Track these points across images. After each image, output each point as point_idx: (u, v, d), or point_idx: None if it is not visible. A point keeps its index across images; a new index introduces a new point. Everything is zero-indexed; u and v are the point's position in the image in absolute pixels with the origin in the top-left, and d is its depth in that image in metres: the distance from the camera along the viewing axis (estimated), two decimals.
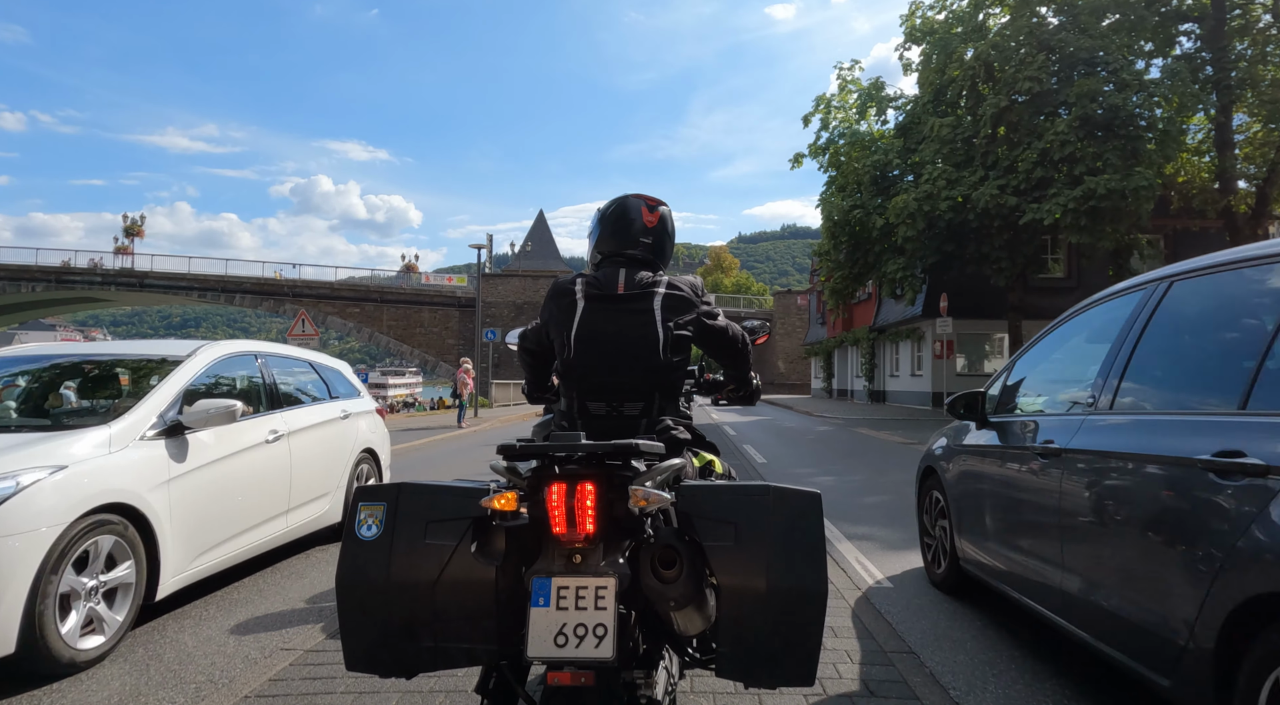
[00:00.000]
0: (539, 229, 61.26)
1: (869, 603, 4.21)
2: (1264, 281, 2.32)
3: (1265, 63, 19.19)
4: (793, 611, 1.56)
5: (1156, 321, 2.74)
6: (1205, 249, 7.71)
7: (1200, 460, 2.11)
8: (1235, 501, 1.98)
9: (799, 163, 23.22)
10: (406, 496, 1.73)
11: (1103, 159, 16.50)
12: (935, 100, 20.02)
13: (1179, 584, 2.16)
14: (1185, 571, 2.14)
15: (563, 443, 1.63)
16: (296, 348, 6.31)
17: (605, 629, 1.53)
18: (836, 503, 7.43)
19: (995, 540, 3.64)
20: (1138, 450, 2.49)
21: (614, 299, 2.23)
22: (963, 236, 18.72)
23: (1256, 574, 1.86)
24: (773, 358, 52.05)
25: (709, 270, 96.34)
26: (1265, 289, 2.29)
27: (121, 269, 47.54)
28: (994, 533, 3.66)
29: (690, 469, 2.20)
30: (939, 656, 3.40)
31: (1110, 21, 18.60)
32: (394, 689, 2.97)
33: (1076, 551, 2.83)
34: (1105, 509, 2.66)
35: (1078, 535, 2.83)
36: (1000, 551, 3.58)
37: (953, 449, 4.37)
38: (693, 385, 3.01)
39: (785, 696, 2.93)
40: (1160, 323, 2.72)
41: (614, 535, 1.63)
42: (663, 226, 2.43)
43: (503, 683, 1.83)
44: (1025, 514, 3.34)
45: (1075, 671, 3.22)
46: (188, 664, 3.36)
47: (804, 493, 1.64)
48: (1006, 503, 3.55)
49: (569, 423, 2.29)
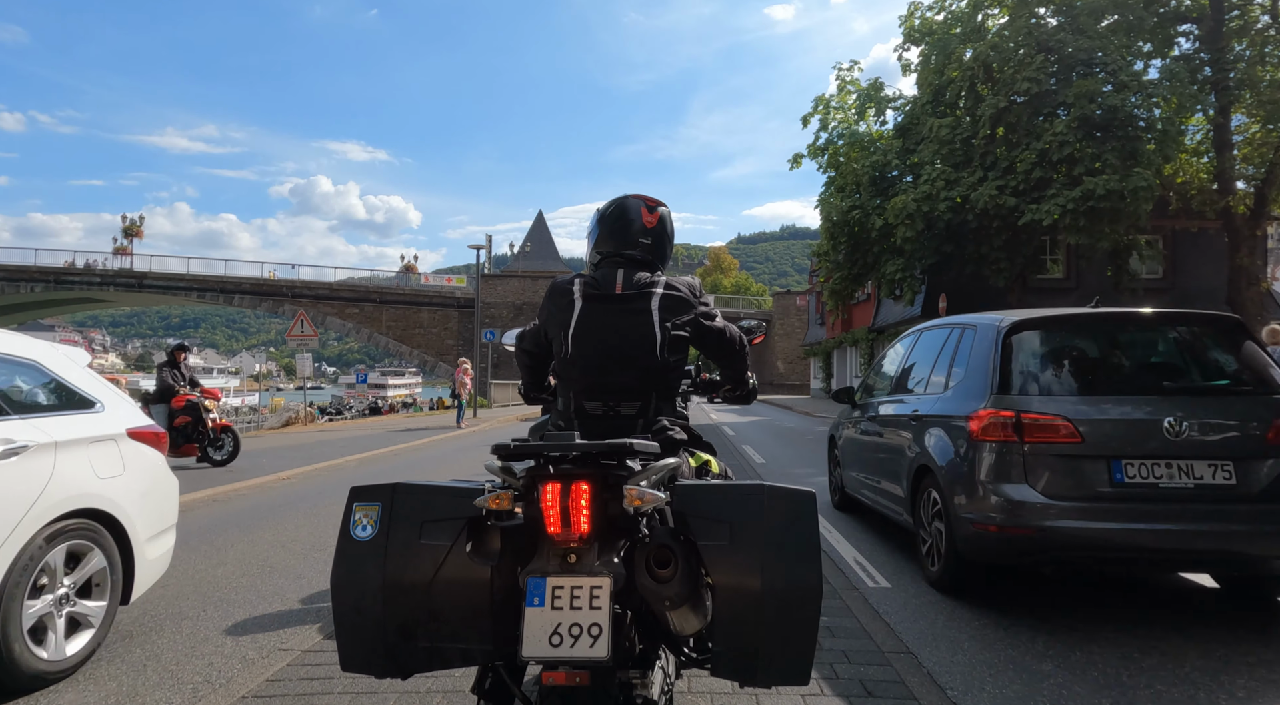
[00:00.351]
0: (538, 229, 61.24)
1: (866, 603, 4.21)
2: (948, 332, 5.11)
3: (1264, 64, 19.19)
4: (788, 610, 1.56)
5: (912, 350, 5.80)
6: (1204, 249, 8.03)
7: (907, 415, 5.07)
8: (916, 431, 4.84)
9: (798, 163, 23.23)
10: (401, 497, 1.72)
11: (1101, 160, 16.51)
12: (934, 101, 20.02)
13: (903, 467, 4.98)
14: (905, 462, 4.95)
15: (557, 442, 1.62)
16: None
17: (600, 629, 1.52)
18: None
19: (854, 470, 6.47)
20: (895, 414, 5.41)
21: (612, 299, 2.23)
22: (961, 237, 18.72)
23: (917, 457, 4.72)
24: (772, 358, 52.04)
25: (708, 271, 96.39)
26: (947, 336, 5.11)
27: (120, 269, 47.49)
28: (854, 466, 6.48)
29: (686, 469, 2.20)
30: (936, 656, 3.40)
31: (1109, 22, 18.61)
32: (390, 689, 2.97)
33: (878, 465, 5.72)
34: (887, 442, 5.51)
35: (879, 457, 5.71)
36: (856, 476, 6.41)
37: (839, 422, 7.18)
38: (690, 385, 3.01)
39: (782, 696, 2.93)
40: (914, 352, 5.76)
41: (609, 535, 1.63)
42: (662, 227, 2.43)
43: (498, 683, 1.83)
44: (865, 453, 6.16)
45: (1075, 672, 3.22)
46: (184, 665, 3.36)
47: (798, 492, 1.64)
48: (859, 447, 6.32)
49: (566, 423, 2.29)
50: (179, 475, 4.32)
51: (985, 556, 4.13)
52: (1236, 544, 3.63)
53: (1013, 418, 3.95)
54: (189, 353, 11.37)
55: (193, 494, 8.22)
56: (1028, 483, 3.85)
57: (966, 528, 4.06)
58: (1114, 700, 2.94)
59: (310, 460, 11.56)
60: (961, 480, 4.16)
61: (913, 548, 5.21)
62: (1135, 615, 3.98)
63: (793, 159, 23.18)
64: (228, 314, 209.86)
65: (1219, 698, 2.94)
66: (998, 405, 4.06)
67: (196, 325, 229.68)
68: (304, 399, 24.66)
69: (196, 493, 8.27)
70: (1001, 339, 4.31)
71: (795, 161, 23.20)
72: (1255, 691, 2.99)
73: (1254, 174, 20.42)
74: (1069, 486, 3.80)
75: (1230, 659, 3.32)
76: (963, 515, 4.08)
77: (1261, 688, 3.03)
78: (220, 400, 12.98)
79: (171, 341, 11.42)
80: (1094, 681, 3.11)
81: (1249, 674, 3.16)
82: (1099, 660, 3.34)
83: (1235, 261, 19.73)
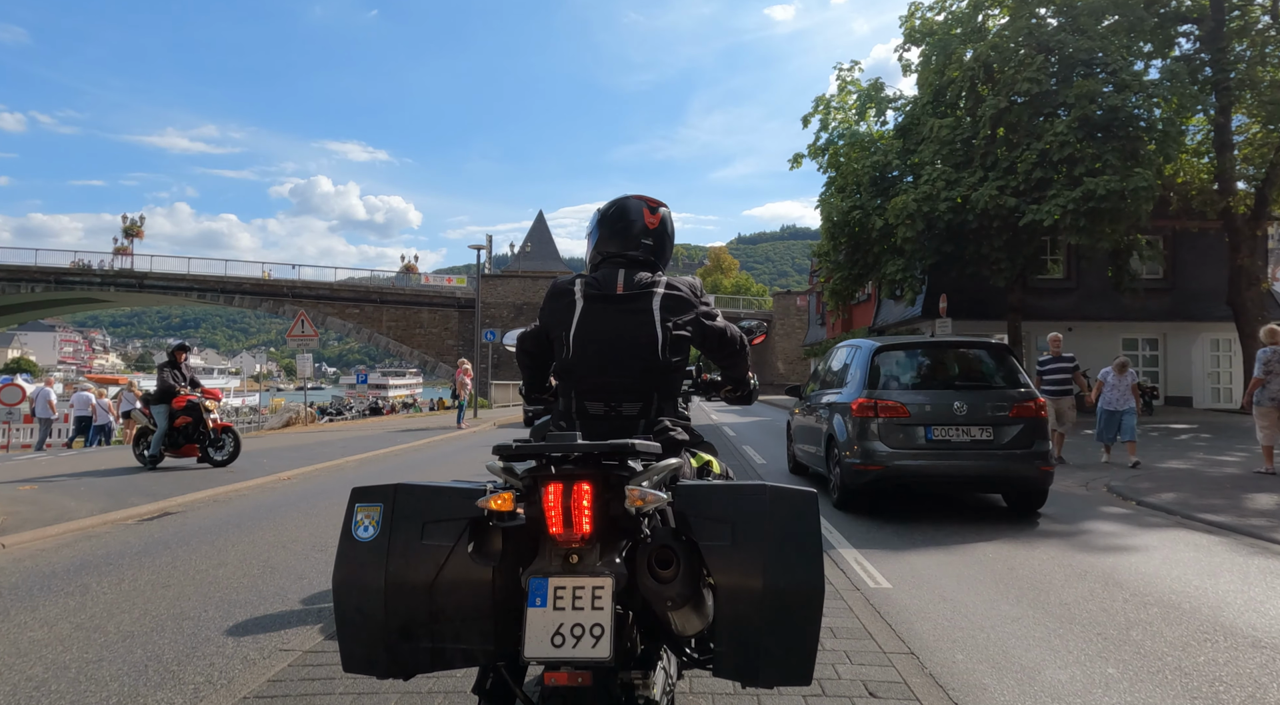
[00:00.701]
0: (538, 230, 61.20)
1: (868, 603, 4.21)
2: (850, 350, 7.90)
3: (1264, 64, 19.20)
4: (790, 611, 1.55)
5: (832, 360, 8.61)
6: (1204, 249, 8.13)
7: (824, 403, 7.77)
8: (828, 414, 7.56)
9: (798, 163, 23.22)
10: (403, 497, 1.72)
11: (1102, 160, 16.50)
12: (934, 101, 20.01)
13: (821, 437, 7.79)
14: (822, 433, 7.75)
15: (559, 443, 1.62)
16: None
17: (602, 629, 1.52)
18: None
19: (799, 442, 9.22)
20: (818, 403, 8.06)
21: (613, 299, 2.22)
22: (962, 237, 18.72)
23: (828, 429, 7.49)
24: (772, 359, 52.02)
25: (708, 271, 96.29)
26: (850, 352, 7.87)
27: (121, 270, 47.44)
28: (799, 440, 9.22)
29: (688, 469, 2.20)
30: (938, 657, 3.40)
31: (1109, 23, 18.60)
32: (392, 690, 2.97)
33: (810, 437, 8.45)
34: (814, 421, 8.14)
35: (811, 431, 8.41)
36: (801, 447, 9.11)
37: (792, 410, 9.89)
38: (691, 385, 3.01)
39: (783, 697, 2.93)
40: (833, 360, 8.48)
41: (611, 535, 1.63)
42: (663, 228, 2.43)
43: (500, 683, 1.83)
44: (803, 430, 8.89)
45: (1075, 672, 3.22)
46: (186, 665, 3.36)
47: (800, 492, 1.63)
48: (801, 426, 9.09)
49: (567, 423, 2.29)
50: (180, 475, 4.31)
51: (859, 485, 6.84)
52: (992, 472, 6.65)
53: (873, 403, 6.80)
54: (189, 353, 11.36)
55: (193, 494, 8.22)
56: (880, 440, 6.71)
57: (849, 468, 6.85)
58: (1114, 700, 2.94)
59: (311, 460, 11.57)
60: (847, 440, 6.95)
61: (916, 548, 5.18)
62: (1133, 615, 3.98)
63: (793, 159, 23.17)
64: (228, 314, 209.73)
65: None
66: (867, 396, 6.87)
67: (197, 325, 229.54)
68: (304, 399, 24.66)
69: (197, 493, 8.27)
70: (871, 356, 7.17)
71: (795, 162, 23.20)
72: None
73: (1254, 174, 20.42)
74: (902, 442, 6.68)
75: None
76: (846, 461, 6.90)
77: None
78: (221, 400, 13.00)
79: (172, 342, 11.41)
80: (1097, 682, 3.11)
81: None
82: (1100, 660, 3.34)
83: (1236, 262, 19.73)
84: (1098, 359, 17.05)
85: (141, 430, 10.85)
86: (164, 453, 10.45)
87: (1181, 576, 4.81)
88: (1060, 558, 5.31)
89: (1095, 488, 8.49)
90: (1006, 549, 5.60)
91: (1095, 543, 5.84)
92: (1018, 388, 6.85)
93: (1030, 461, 6.56)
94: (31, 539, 6.14)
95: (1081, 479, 9.08)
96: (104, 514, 7.05)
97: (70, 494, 8.19)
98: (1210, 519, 6.48)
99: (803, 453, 9.10)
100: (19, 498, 7.94)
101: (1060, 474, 9.47)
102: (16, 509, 7.19)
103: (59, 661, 3.43)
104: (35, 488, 8.71)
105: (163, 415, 10.39)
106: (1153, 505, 7.24)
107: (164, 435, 10.37)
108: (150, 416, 10.56)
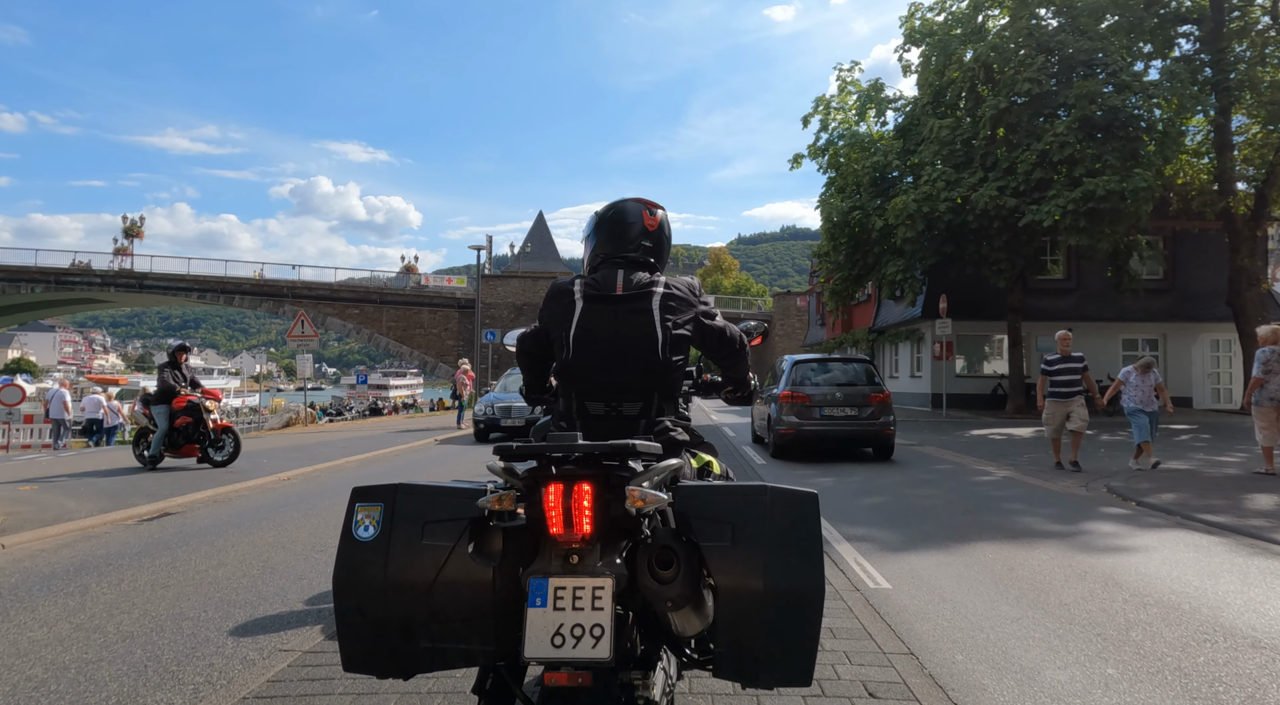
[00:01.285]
0: (538, 230, 61.17)
1: (868, 604, 4.21)
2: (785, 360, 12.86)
3: (1264, 64, 19.20)
4: (790, 612, 1.55)
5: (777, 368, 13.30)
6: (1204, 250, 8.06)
7: (766, 395, 12.77)
8: (767, 401, 12.63)
9: (798, 164, 23.24)
10: (403, 497, 1.72)
11: (1102, 160, 16.51)
12: (934, 102, 20.02)
13: (766, 415, 12.73)
14: (766, 412, 12.65)
15: (559, 443, 1.62)
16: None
17: (602, 629, 1.52)
18: (835, 504, 7.44)
19: (756, 421, 14.40)
20: (766, 395, 12.76)
21: (612, 299, 2.22)
22: (962, 238, 18.73)
23: (769, 410, 12.42)
24: (773, 359, 52.06)
25: (708, 271, 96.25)
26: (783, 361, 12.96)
27: (121, 270, 47.40)
28: (756, 419, 14.34)
29: (688, 469, 2.20)
30: (938, 658, 3.40)
31: (1109, 23, 18.62)
32: (392, 690, 2.97)
33: (760, 416, 13.65)
34: (765, 406, 12.83)
35: (763, 412, 13.19)
36: (757, 423, 14.17)
37: (757, 402, 13.25)
38: (691, 386, 3.01)
39: (783, 698, 2.93)
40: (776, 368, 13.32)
41: (611, 536, 1.62)
42: (662, 230, 2.44)
43: (500, 684, 1.83)
44: (758, 412, 13.98)
45: (1074, 673, 3.22)
46: (185, 665, 3.36)
47: (801, 493, 1.63)
48: (758, 410, 13.98)
49: (568, 423, 2.29)
50: (180, 476, 4.31)
51: (783, 442, 11.67)
52: (859, 433, 11.54)
53: (791, 393, 11.58)
54: (190, 353, 11.36)
55: (193, 494, 8.22)
56: (794, 416, 11.52)
57: (778, 433, 11.67)
58: (1114, 700, 2.94)
59: (311, 461, 11.57)
60: (777, 417, 11.69)
61: (916, 548, 5.21)
62: (1133, 615, 3.98)
63: (793, 160, 23.20)
64: (228, 315, 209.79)
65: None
66: (787, 389, 11.64)
67: (197, 326, 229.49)
68: (304, 400, 24.66)
69: (197, 493, 8.27)
70: (793, 365, 12.08)
71: (795, 162, 23.22)
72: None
73: (1254, 175, 20.42)
74: (806, 416, 11.49)
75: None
76: (776, 428, 11.70)
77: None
78: (221, 401, 12.99)
79: (172, 342, 11.41)
80: (1096, 681, 3.11)
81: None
82: (1099, 660, 3.34)
83: (1236, 262, 19.73)
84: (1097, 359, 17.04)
85: (141, 430, 10.86)
86: (164, 453, 10.46)
87: (1181, 577, 4.81)
88: (1060, 558, 5.31)
89: (1095, 488, 8.49)
90: (1006, 549, 5.59)
91: (1095, 543, 5.84)
92: (874, 384, 11.77)
93: (881, 427, 11.39)
94: (31, 539, 6.14)
95: (1082, 479, 9.08)
96: (104, 514, 7.05)
97: (70, 494, 8.19)
98: (1210, 519, 6.48)
99: (758, 426, 13.81)
100: (19, 498, 7.94)
101: (1059, 475, 9.48)
102: (16, 509, 7.19)
103: (58, 662, 3.43)
104: (35, 488, 8.71)
105: (163, 415, 10.40)
106: (1152, 506, 7.24)
107: (164, 435, 10.38)
108: (150, 417, 10.57)
